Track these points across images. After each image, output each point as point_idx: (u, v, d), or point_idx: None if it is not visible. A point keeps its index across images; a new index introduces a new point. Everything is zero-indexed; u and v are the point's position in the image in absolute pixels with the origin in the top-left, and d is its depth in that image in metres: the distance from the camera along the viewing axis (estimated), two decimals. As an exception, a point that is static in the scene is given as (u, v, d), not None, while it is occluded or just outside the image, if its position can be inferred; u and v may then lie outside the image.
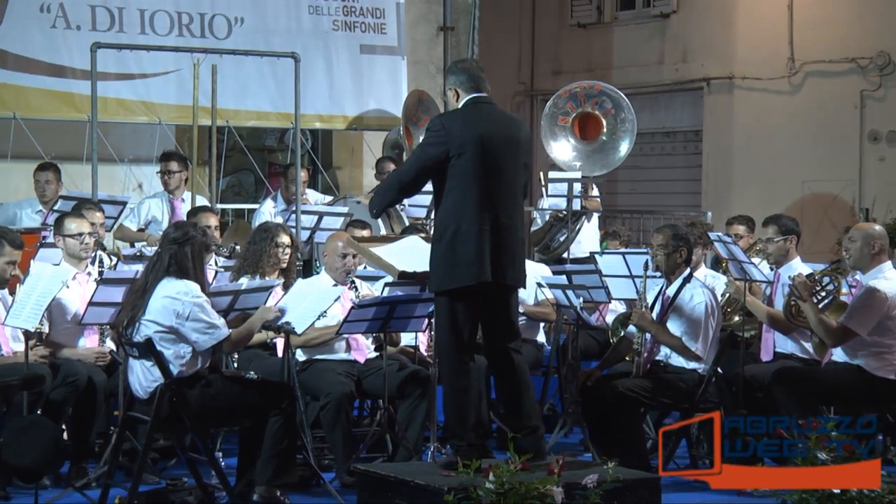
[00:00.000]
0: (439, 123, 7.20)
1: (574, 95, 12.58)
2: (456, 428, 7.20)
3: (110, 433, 8.17)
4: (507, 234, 7.17)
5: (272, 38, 13.28)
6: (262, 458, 7.48)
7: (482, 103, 7.25)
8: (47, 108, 12.52)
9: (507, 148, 7.21)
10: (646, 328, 8.55)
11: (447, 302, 7.16)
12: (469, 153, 7.06)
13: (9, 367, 7.78)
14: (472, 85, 7.24)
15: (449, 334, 7.18)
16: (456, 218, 7.09)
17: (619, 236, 11.87)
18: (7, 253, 8.00)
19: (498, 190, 7.14)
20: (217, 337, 7.36)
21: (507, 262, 7.18)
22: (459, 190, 7.08)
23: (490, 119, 7.23)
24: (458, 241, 7.07)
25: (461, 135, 7.08)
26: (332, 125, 14.03)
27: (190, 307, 7.33)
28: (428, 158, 7.15)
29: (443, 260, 7.14)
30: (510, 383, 7.27)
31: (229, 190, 15.35)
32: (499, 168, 7.14)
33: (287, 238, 9.17)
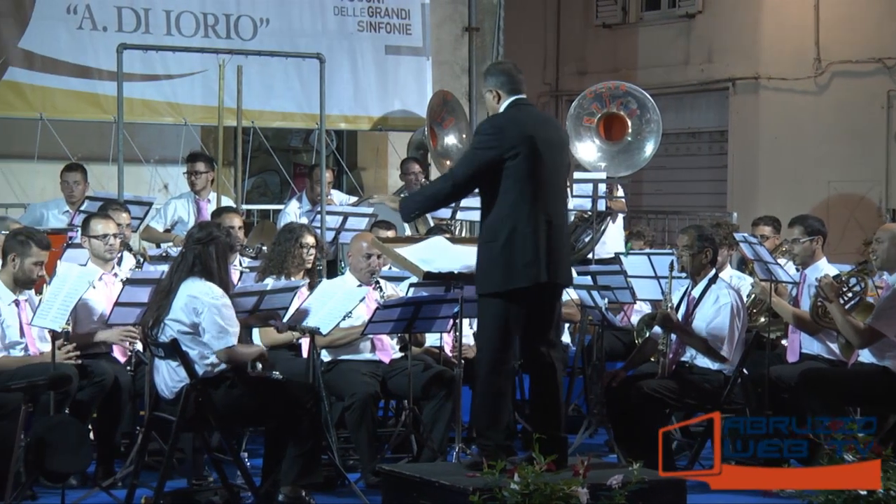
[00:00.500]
0: (491, 126, 7.19)
1: (599, 96, 12.56)
2: (487, 429, 7.17)
3: (136, 433, 8.20)
4: (557, 234, 7.19)
5: (297, 38, 13.31)
6: (288, 458, 7.49)
7: (525, 105, 7.28)
8: (73, 109, 12.57)
9: (555, 149, 7.26)
10: (671, 329, 8.53)
11: (500, 303, 7.12)
12: (522, 155, 7.07)
13: (36, 367, 7.81)
14: (513, 87, 7.26)
15: (497, 335, 7.14)
16: (511, 219, 7.07)
17: (644, 237, 11.85)
18: (34, 253, 8.04)
19: (549, 190, 7.16)
20: (224, 343, 7.37)
21: (559, 261, 7.21)
22: (514, 191, 7.07)
23: (536, 121, 7.28)
24: (515, 242, 7.06)
25: (513, 137, 7.08)
26: (357, 126, 14.06)
27: (208, 307, 7.35)
28: (482, 161, 7.12)
29: (498, 261, 7.10)
30: (546, 385, 7.25)
31: (254, 190, 15.39)
32: (548, 169, 7.17)
33: (311, 239, 9.18)
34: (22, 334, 8.05)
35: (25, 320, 8.05)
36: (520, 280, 7.08)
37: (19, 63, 12.30)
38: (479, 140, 7.22)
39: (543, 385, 7.29)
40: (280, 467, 7.53)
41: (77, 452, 7.35)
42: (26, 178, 12.90)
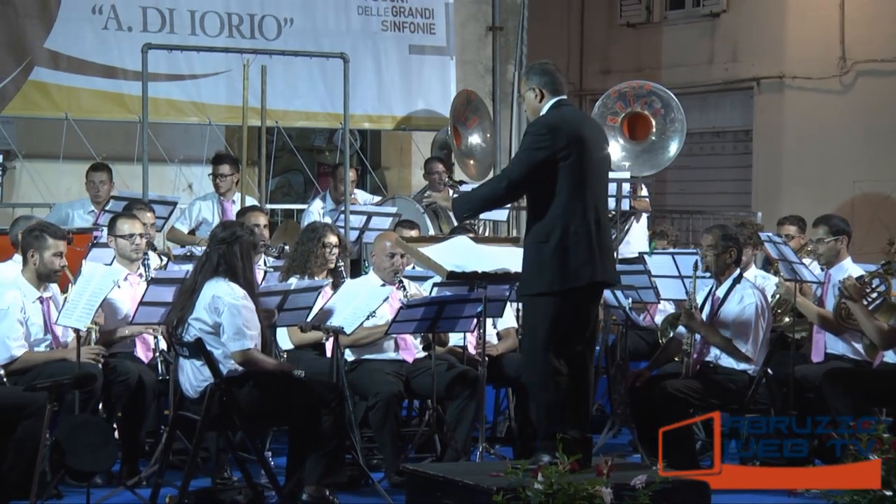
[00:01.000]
0: (543, 126, 7.14)
1: (623, 95, 12.53)
2: (557, 424, 7.06)
3: (161, 432, 8.22)
4: (605, 234, 7.22)
5: (321, 38, 13.32)
6: (312, 457, 7.50)
7: (568, 104, 7.30)
8: (99, 108, 12.61)
9: (600, 148, 7.29)
10: (695, 329, 8.52)
11: (553, 302, 7.09)
12: (574, 155, 7.07)
13: (61, 366, 7.84)
14: (556, 88, 7.26)
15: (548, 334, 7.10)
16: (564, 220, 7.05)
17: (668, 236, 11.83)
18: (51, 245, 8.05)
19: (596, 190, 7.18)
20: (241, 345, 7.37)
21: (608, 261, 7.25)
22: (566, 192, 7.06)
23: (584, 121, 7.32)
24: (569, 242, 7.05)
25: (565, 136, 7.08)
26: (381, 125, 14.07)
27: (228, 306, 7.36)
28: (536, 161, 7.09)
29: (552, 261, 7.06)
30: (578, 383, 7.24)
31: (278, 190, 15.42)
32: (596, 168, 7.19)
33: (334, 238, 9.18)
34: (47, 331, 8.09)
35: (51, 318, 8.09)
36: (575, 280, 7.06)
37: (45, 63, 12.35)
38: (531, 140, 7.17)
39: (576, 384, 7.27)
40: (304, 467, 7.53)
41: (102, 451, 7.37)
42: (52, 177, 12.94)
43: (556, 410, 7.12)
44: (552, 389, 7.12)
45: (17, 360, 7.87)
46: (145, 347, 8.64)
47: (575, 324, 7.20)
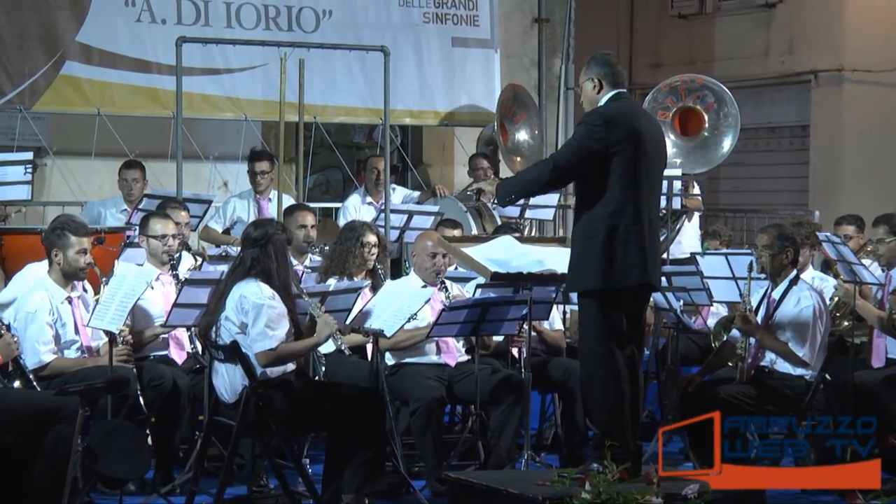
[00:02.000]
0: (599, 117, 7.13)
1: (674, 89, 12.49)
2: (613, 431, 7.05)
3: (195, 438, 8.25)
4: (655, 235, 7.23)
5: (361, 31, 13.35)
6: (351, 465, 7.50)
7: (628, 99, 7.31)
8: (132, 104, 12.68)
9: (658, 147, 7.28)
10: (750, 332, 8.48)
11: (600, 302, 7.11)
12: (629, 150, 7.06)
13: (94, 370, 7.88)
14: (616, 80, 7.25)
15: (601, 334, 7.11)
16: (614, 216, 7.05)
17: (721, 236, 11.78)
18: (73, 243, 8.09)
19: (651, 190, 7.18)
20: (262, 346, 7.37)
21: (656, 263, 7.25)
22: (619, 188, 7.05)
23: (642, 116, 7.31)
24: (618, 239, 7.04)
25: (621, 130, 7.07)
26: (423, 121, 14.08)
27: (252, 306, 7.38)
28: (588, 151, 7.08)
29: (598, 257, 7.06)
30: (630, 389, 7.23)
31: (316, 188, 15.46)
32: (651, 166, 7.19)
33: (373, 237, 9.19)
34: (77, 332, 8.13)
35: (80, 318, 8.13)
36: (621, 280, 7.05)
37: (77, 57, 12.43)
38: (585, 130, 7.16)
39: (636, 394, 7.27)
40: (343, 475, 7.54)
41: (135, 458, 7.41)
42: (83, 175, 13.02)
43: (615, 417, 7.10)
44: (612, 393, 7.11)
45: (47, 367, 7.91)
46: (179, 349, 8.67)
47: (624, 326, 7.18)
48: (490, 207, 12.32)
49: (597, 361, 7.14)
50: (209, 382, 7.74)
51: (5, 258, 9.87)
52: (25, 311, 7.97)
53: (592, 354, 7.18)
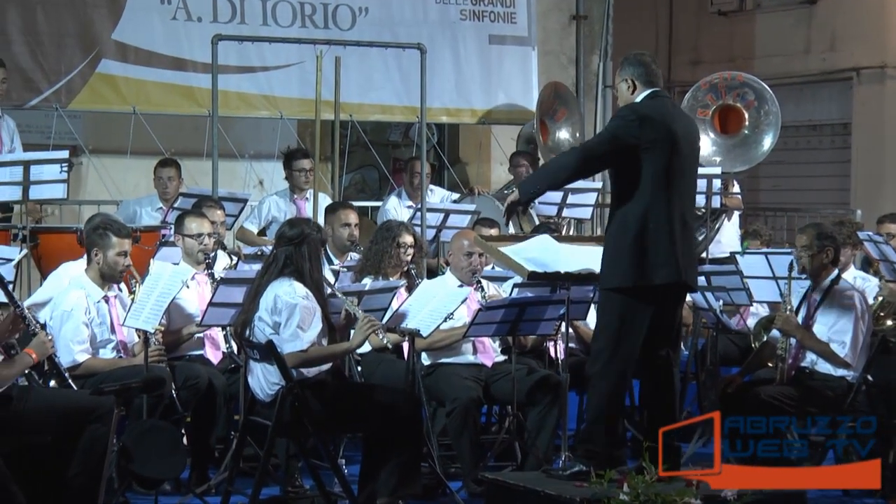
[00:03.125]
0: (633, 113, 7.17)
1: (714, 87, 12.47)
2: (600, 436, 7.15)
3: (231, 438, 8.28)
4: (689, 234, 7.24)
5: (397, 28, 13.35)
6: (387, 466, 7.50)
7: (664, 97, 7.32)
8: (167, 102, 12.71)
9: (692, 146, 7.31)
10: (790, 333, 8.45)
11: (627, 300, 7.13)
12: (662, 148, 7.09)
13: (129, 369, 7.92)
14: (650, 79, 7.29)
15: (621, 334, 7.15)
16: (646, 214, 7.08)
17: (761, 236, 11.73)
18: (115, 244, 8.12)
19: (684, 188, 7.20)
20: (294, 347, 7.38)
21: (690, 262, 7.26)
22: (651, 185, 7.08)
23: (677, 116, 7.32)
24: (648, 237, 7.07)
25: (655, 128, 7.10)
26: (460, 119, 14.07)
27: (285, 305, 7.40)
28: (618, 145, 7.12)
29: (629, 254, 7.10)
30: (664, 392, 7.22)
31: (352, 187, 15.47)
32: (685, 165, 7.21)
33: (410, 238, 9.19)
34: (113, 331, 8.16)
35: (116, 317, 8.16)
36: (651, 277, 7.07)
37: (112, 55, 12.48)
38: (618, 124, 7.21)
39: (662, 392, 7.26)
40: (379, 476, 7.54)
41: (170, 458, 7.45)
42: (119, 173, 13.07)
43: (606, 424, 7.15)
44: (604, 395, 7.16)
45: (80, 366, 7.94)
46: (214, 348, 8.70)
47: (656, 326, 7.19)
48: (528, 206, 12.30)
49: (604, 361, 7.17)
50: (245, 382, 7.76)
51: (41, 257, 9.94)
52: (62, 310, 8.01)
53: (603, 352, 7.20)
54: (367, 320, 7.56)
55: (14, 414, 6.87)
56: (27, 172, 9.96)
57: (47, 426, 6.95)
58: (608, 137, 7.23)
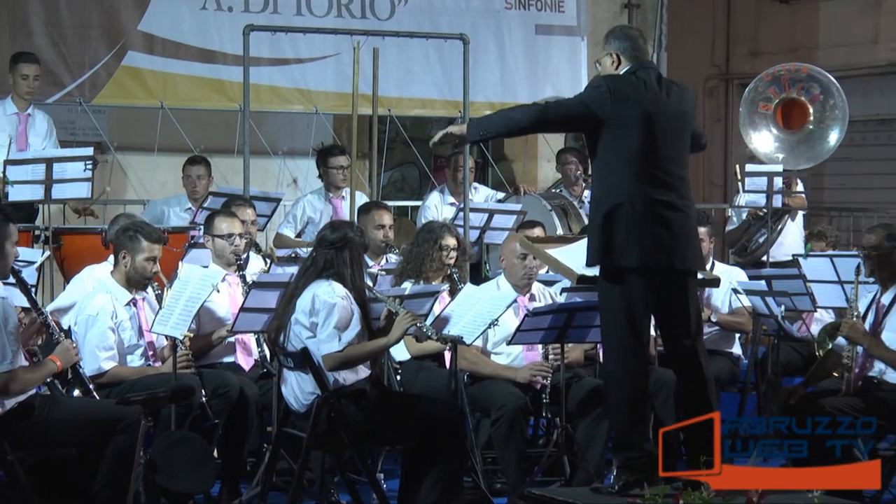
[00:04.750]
0: (605, 84, 7.20)
1: (777, 79, 12.42)
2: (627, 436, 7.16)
3: (264, 451, 8.30)
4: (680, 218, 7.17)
5: (439, 17, 13.37)
6: (428, 480, 7.50)
7: (646, 69, 7.29)
8: (196, 96, 12.78)
9: (678, 123, 7.26)
10: (857, 340, 8.40)
11: (604, 285, 7.20)
12: (635, 126, 7.10)
13: (157, 378, 7.95)
14: (636, 54, 7.30)
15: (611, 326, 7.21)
16: (615, 195, 7.10)
17: (826, 237, 11.70)
18: (145, 248, 8.15)
19: (667, 169, 7.17)
20: (330, 348, 7.40)
21: (682, 245, 7.18)
22: (619, 165, 7.12)
23: (657, 90, 7.25)
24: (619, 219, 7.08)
25: (625, 104, 7.11)
26: (505, 113, 14.05)
27: (323, 305, 7.42)
28: (579, 115, 7.19)
29: (595, 236, 7.18)
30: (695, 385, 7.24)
31: (391, 185, 15.50)
32: (668, 146, 7.19)
33: (453, 240, 9.18)
34: (140, 336, 8.20)
35: (144, 321, 8.20)
36: (617, 258, 7.09)
37: (139, 47, 12.55)
38: (589, 93, 7.27)
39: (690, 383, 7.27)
40: (419, 491, 7.54)
41: (200, 471, 7.47)
42: (145, 171, 13.15)
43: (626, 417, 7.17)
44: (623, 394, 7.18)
45: (106, 374, 7.97)
46: (246, 354, 8.73)
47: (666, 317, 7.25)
48: (576, 206, 12.29)
49: (611, 350, 7.23)
50: (278, 391, 7.78)
51: (64, 259, 10.02)
52: (86, 315, 8.05)
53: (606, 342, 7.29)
54: (407, 313, 7.58)
55: (37, 424, 6.92)
56: (49, 171, 10.05)
57: (71, 437, 6.99)
58: (575, 102, 7.28)
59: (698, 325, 7.33)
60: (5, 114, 11.23)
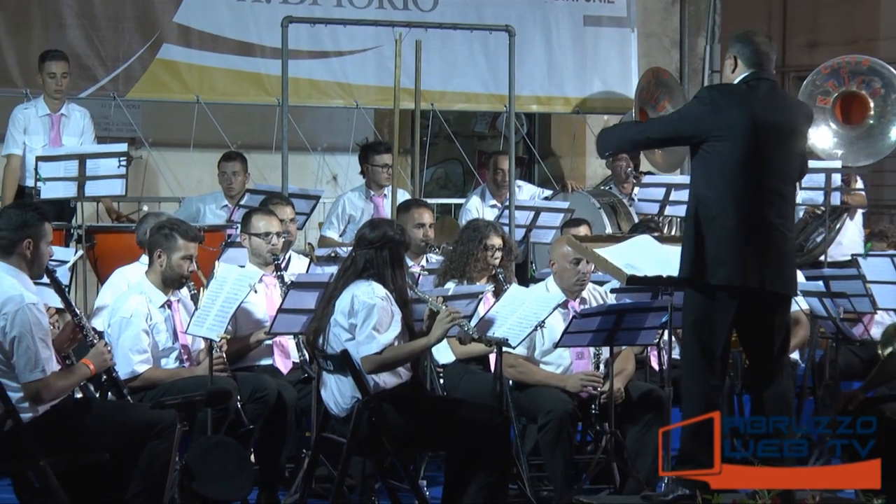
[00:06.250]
0: (708, 96, 7.31)
1: (836, 72, 12.37)
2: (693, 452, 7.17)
3: (302, 456, 8.32)
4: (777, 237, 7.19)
5: (483, 8, 13.36)
6: (472, 488, 7.49)
7: (760, 81, 7.29)
8: (233, 90, 12.80)
9: (786, 140, 7.27)
10: (919, 344, 8.38)
11: (692, 295, 7.25)
12: (736, 137, 7.13)
13: (192, 381, 7.97)
14: (756, 60, 7.30)
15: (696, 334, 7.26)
16: (711, 206, 7.15)
17: (887, 236, 11.62)
18: (180, 247, 8.16)
19: (768, 185, 7.18)
20: (368, 350, 7.41)
21: (775, 267, 7.21)
22: (718, 178, 7.15)
23: (768, 102, 7.27)
24: (710, 232, 7.13)
25: (729, 116, 7.14)
26: (552, 108, 14.06)
27: (362, 305, 7.43)
28: (681, 132, 7.31)
29: (687, 246, 7.24)
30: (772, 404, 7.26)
31: (434, 182, 15.51)
32: (771, 161, 7.20)
33: (498, 239, 9.17)
34: (175, 339, 8.22)
35: (179, 323, 8.22)
36: (706, 275, 7.14)
37: (174, 39, 12.58)
38: (689, 107, 7.37)
39: (761, 403, 7.29)
40: (462, 498, 7.54)
41: (237, 478, 7.50)
42: (181, 168, 13.19)
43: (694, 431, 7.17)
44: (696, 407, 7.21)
45: (139, 378, 7.99)
46: (284, 357, 8.74)
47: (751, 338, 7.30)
48: (626, 204, 12.27)
49: (686, 362, 7.31)
50: (317, 395, 7.80)
51: (97, 259, 10.06)
52: (120, 317, 8.07)
53: (683, 351, 7.38)
54: (448, 311, 7.58)
55: (70, 429, 6.95)
56: (83, 167, 10.09)
57: (105, 443, 7.01)
58: (673, 123, 7.43)
59: (782, 349, 7.35)
60: (37, 115, 11.27)
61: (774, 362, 7.25)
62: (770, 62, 7.36)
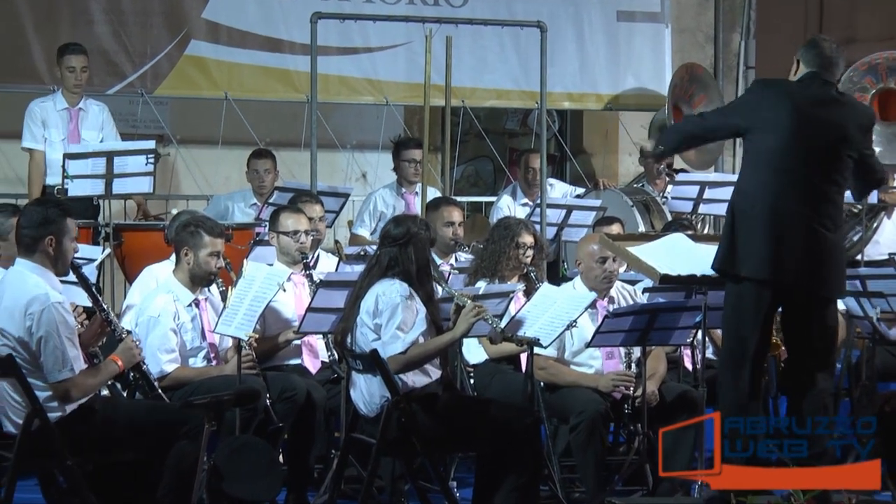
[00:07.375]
0: (756, 89, 7.61)
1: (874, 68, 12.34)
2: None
3: (331, 457, 8.34)
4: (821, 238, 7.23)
5: (515, 4, 13.36)
6: (503, 489, 7.49)
7: (817, 79, 7.38)
8: (262, 87, 12.83)
9: (829, 136, 7.29)
10: (958, 345, 8.35)
11: (731, 289, 7.34)
12: (778, 132, 7.22)
13: (220, 381, 8.00)
14: (818, 62, 7.42)
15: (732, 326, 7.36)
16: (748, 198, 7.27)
17: (925, 235, 11.62)
18: (207, 243, 8.19)
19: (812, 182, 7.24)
20: (392, 350, 7.42)
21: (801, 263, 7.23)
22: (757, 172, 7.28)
23: (818, 101, 7.33)
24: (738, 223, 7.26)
25: (772, 109, 7.23)
26: (584, 105, 14.05)
27: (386, 304, 7.44)
28: (728, 122, 7.50)
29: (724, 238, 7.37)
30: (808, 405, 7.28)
31: (465, 180, 15.51)
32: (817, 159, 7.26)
33: (530, 238, 9.16)
34: (203, 338, 8.25)
35: (207, 322, 8.26)
36: (738, 266, 7.24)
37: (202, 36, 12.61)
38: (740, 98, 7.74)
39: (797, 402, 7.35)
40: (493, 500, 7.55)
41: (266, 478, 7.51)
42: (209, 165, 13.22)
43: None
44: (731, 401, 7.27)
45: (168, 377, 8.03)
46: (313, 357, 8.76)
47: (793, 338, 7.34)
48: (659, 202, 12.26)
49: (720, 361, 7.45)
50: (346, 395, 7.82)
51: (125, 257, 10.09)
52: (147, 316, 8.11)
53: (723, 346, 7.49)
54: (473, 305, 7.58)
55: (97, 428, 6.99)
56: (110, 164, 10.12)
57: (132, 442, 7.05)
58: (725, 114, 7.65)
59: (825, 351, 7.37)
60: (55, 109, 11.28)
61: (817, 364, 7.26)
62: (833, 66, 7.46)
